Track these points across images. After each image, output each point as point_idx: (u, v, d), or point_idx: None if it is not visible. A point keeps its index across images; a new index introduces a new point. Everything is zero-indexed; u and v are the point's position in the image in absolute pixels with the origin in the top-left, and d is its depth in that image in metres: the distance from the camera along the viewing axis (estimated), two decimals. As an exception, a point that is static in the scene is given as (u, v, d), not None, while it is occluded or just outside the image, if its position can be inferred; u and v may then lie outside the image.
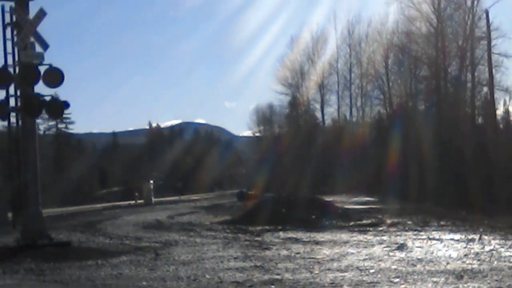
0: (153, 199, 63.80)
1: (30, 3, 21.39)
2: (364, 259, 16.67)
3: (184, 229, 27.92)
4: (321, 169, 78.41)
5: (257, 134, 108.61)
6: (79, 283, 14.28)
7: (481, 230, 24.01)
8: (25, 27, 20.99)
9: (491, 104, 60.80)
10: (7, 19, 21.29)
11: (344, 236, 23.16)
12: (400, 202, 43.32)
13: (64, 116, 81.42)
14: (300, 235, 23.90)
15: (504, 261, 15.78)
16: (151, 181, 67.78)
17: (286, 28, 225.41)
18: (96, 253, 19.60)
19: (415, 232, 23.80)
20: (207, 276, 14.58)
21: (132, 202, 63.54)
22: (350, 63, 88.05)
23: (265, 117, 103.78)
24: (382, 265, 15.53)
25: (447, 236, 22.39)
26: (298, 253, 18.58)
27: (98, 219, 36.31)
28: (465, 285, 12.35)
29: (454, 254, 17.28)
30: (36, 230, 21.25)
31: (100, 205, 58.25)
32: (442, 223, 28.04)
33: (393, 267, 15.11)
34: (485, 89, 64.57)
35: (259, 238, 23.30)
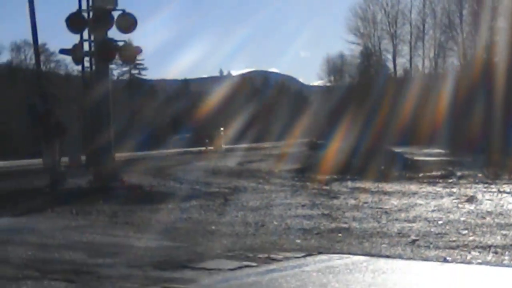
0: (224, 146, 64.30)
1: None
2: (433, 210, 16.58)
3: (254, 176, 28.14)
4: (392, 120, 77.66)
5: (328, 84, 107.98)
6: (150, 226, 14.60)
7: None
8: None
9: None
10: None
11: (413, 187, 23.01)
12: (471, 155, 42.73)
13: (137, 62, 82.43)
14: (368, 185, 23.85)
15: None
16: (222, 128, 68.21)
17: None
18: (167, 197, 19.95)
19: (486, 185, 23.47)
20: (275, 223, 14.74)
21: (203, 148, 64.16)
22: (423, 13, 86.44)
23: (336, 67, 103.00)
24: (451, 216, 15.43)
25: (519, 189, 22.04)
26: (366, 202, 18.59)
27: (169, 164, 36.85)
28: (535, 239, 12.20)
29: (525, 208, 17.04)
30: (109, 173, 21.75)
31: (171, 151, 59.02)
32: (514, 176, 27.53)
33: (462, 219, 15.00)
34: None
35: (327, 187, 23.35)
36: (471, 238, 12.40)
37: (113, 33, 21.76)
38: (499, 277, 9.67)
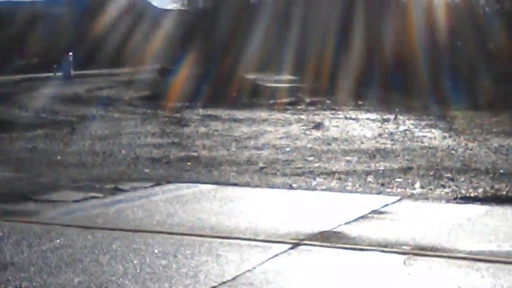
0: (72, 72, 62.55)
1: None
2: (281, 137, 16.88)
3: (103, 104, 27.56)
4: (247, 47, 77.90)
5: (182, 8, 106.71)
6: (-9, 156, 14.07)
7: (397, 110, 24.34)
8: None
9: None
10: None
11: (263, 114, 23.28)
12: (322, 81, 43.55)
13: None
14: (219, 112, 23.91)
15: (417, 141, 16.18)
16: (71, 53, 66.22)
17: None
18: (11, 125, 19.26)
19: (333, 112, 24.10)
20: (123, 152, 14.55)
21: (51, 74, 62.17)
22: None
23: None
24: (298, 143, 15.76)
25: (364, 115, 22.76)
26: (216, 130, 18.67)
27: (14, 91, 35.43)
28: (377, 164, 12.63)
29: (369, 134, 17.63)
30: None
31: (17, 77, 56.78)
32: (359, 102, 28.29)
33: (309, 145, 15.36)
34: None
35: (178, 115, 23.26)
36: (316, 164, 12.70)
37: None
38: (341, 202, 9.92)
